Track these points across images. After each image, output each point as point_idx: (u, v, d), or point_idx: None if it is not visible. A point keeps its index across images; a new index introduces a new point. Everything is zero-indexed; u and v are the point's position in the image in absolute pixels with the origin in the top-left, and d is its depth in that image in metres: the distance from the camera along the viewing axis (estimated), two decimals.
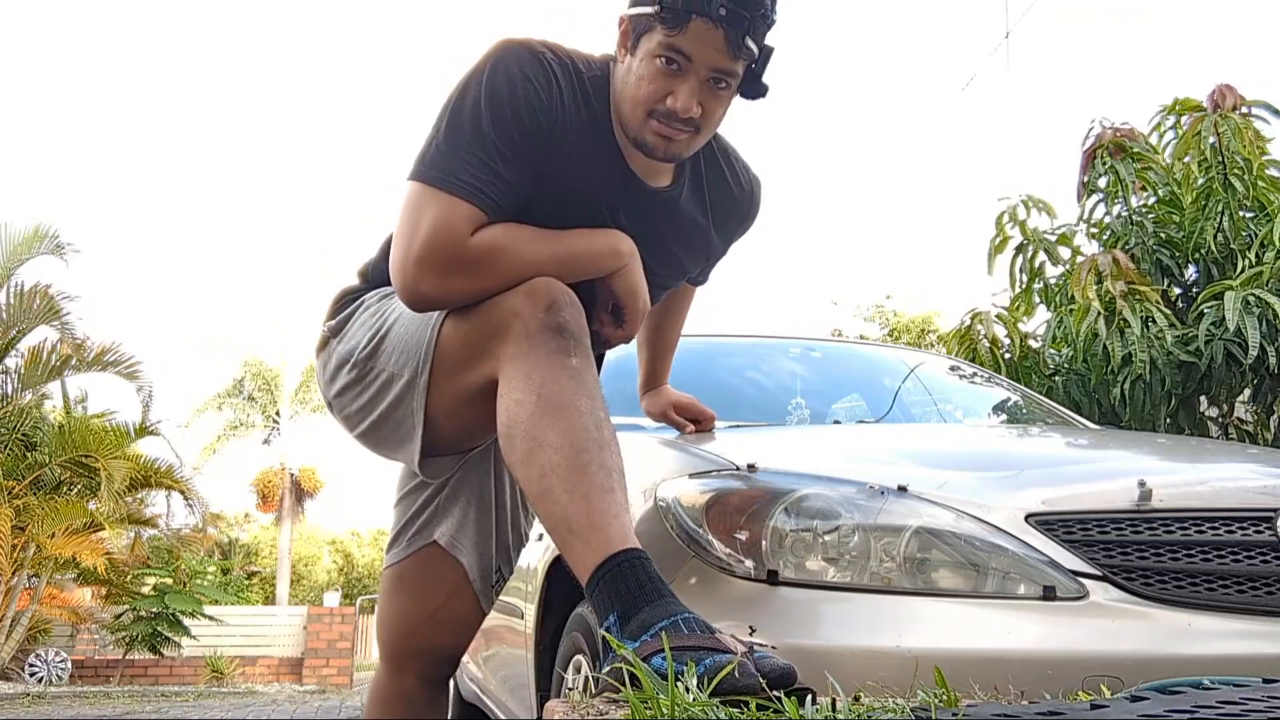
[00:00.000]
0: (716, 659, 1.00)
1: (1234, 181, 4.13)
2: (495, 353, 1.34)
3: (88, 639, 13.41)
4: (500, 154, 1.36)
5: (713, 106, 1.40)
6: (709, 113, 1.40)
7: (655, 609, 1.11)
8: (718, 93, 1.39)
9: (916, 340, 12.20)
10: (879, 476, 1.58)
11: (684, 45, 1.34)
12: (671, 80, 1.37)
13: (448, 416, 1.46)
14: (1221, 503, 1.59)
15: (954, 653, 1.37)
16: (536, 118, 1.38)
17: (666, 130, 1.40)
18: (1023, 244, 4.77)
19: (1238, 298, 3.77)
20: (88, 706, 7.58)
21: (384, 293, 1.57)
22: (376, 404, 1.52)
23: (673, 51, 1.34)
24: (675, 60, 1.35)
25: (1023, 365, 4.57)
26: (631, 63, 1.40)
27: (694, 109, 1.37)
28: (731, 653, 1.02)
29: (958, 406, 3.03)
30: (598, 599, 1.15)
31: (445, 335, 1.41)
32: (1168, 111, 4.70)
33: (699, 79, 1.37)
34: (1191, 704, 0.93)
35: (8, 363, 10.38)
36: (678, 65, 1.36)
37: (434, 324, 1.43)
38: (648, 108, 1.39)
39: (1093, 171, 4.65)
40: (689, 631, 1.07)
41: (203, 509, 12.11)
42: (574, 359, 1.29)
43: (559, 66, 1.42)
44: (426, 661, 1.78)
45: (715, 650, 1.02)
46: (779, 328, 3.26)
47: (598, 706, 1.05)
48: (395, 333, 1.49)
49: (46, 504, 9.98)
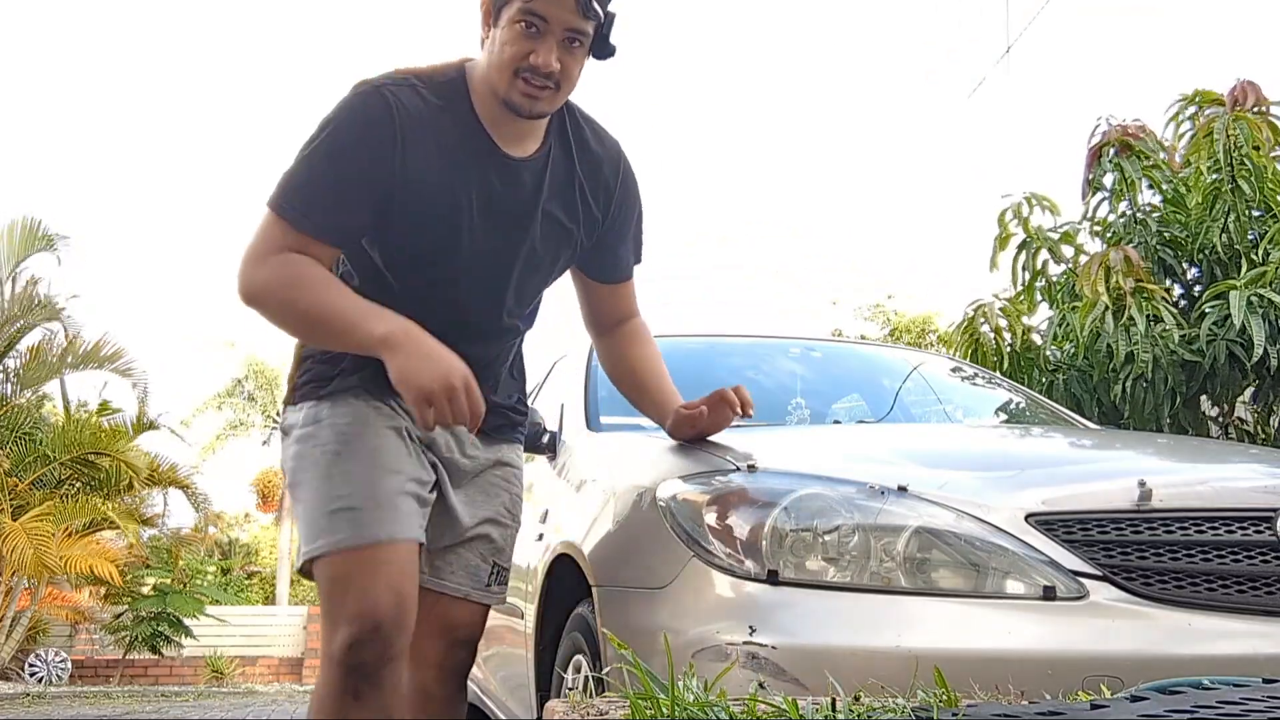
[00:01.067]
0: None
1: (1242, 184, 4.13)
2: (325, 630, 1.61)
3: (87, 639, 13.41)
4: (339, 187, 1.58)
5: (569, 64, 1.59)
6: (567, 69, 1.59)
7: None
8: (573, 50, 1.59)
9: (916, 340, 12.20)
10: (879, 476, 1.58)
11: (539, 8, 1.54)
12: (531, 41, 1.56)
13: None
14: (1221, 503, 1.58)
15: (954, 653, 1.37)
16: (376, 155, 1.58)
17: (530, 89, 1.58)
18: (1025, 241, 4.76)
19: (1242, 297, 3.77)
20: (88, 706, 7.58)
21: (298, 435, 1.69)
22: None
23: (531, 15, 1.54)
24: (534, 23, 1.55)
25: (1025, 357, 4.56)
26: (495, 33, 1.59)
27: (554, 64, 1.56)
28: None
29: (958, 406, 3.03)
30: None
31: (316, 570, 1.61)
32: (1187, 102, 4.66)
33: (556, 38, 1.56)
34: (1191, 704, 0.93)
35: (7, 362, 10.38)
36: (536, 28, 1.55)
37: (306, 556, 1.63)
38: (513, 67, 1.57)
39: (1098, 169, 4.65)
40: None
41: (204, 508, 12.10)
42: (358, 699, 1.56)
43: (407, 92, 1.62)
44: (445, 646, 1.80)
45: None
46: (779, 328, 3.28)
47: (598, 707, 1.05)
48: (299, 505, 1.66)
49: (52, 504, 9.97)
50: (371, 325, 1.52)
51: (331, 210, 1.58)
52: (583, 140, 1.76)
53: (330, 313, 1.55)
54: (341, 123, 1.58)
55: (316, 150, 1.58)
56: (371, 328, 1.52)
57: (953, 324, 5.34)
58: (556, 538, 2.16)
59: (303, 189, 1.57)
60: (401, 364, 1.50)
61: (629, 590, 1.72)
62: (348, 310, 1.55)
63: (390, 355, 1.51)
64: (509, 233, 1.69)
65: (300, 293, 1.56)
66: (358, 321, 1.53)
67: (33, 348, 10.50)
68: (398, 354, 1.50)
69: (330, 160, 1.58)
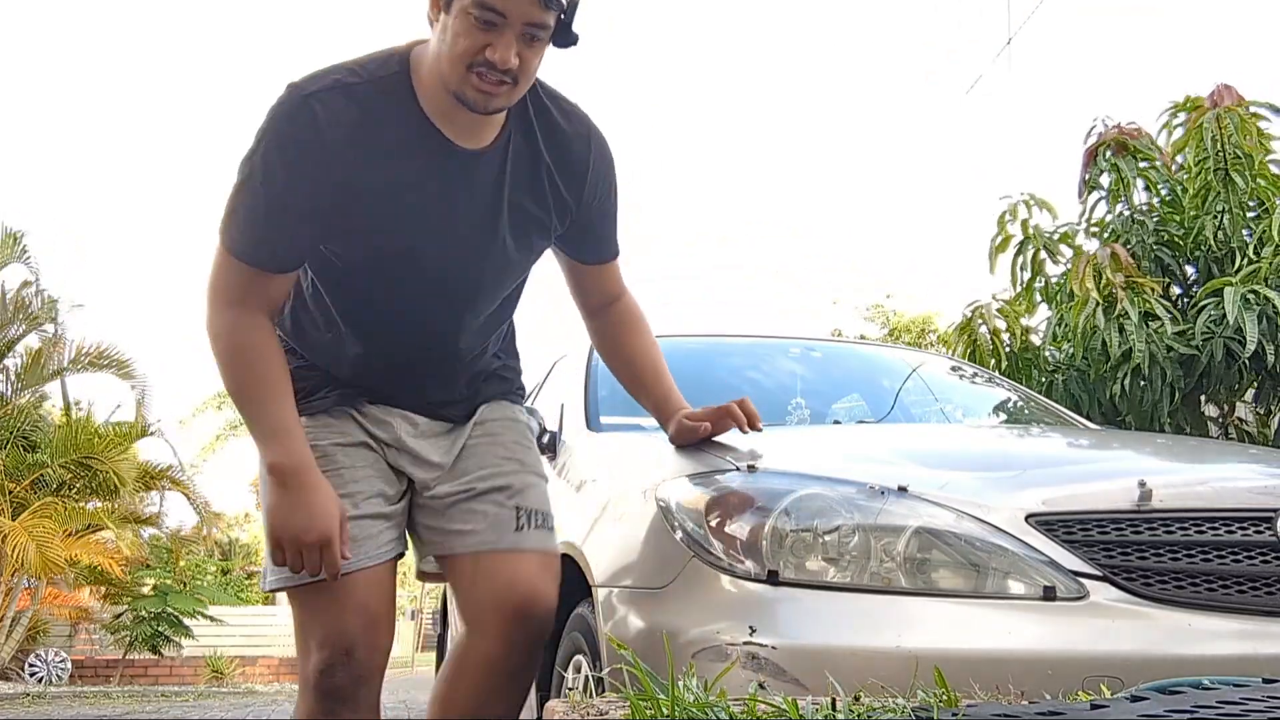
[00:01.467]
0: None
1: (1234, 177, 4.13)
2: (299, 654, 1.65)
3: (87, 639, 13.41)
4: (281, 217, 1.50)
5: (529, 57, 1.44)
6: (525, 63, 1.44)
7: None
8: (533, 44, 1.43)
9: (916, 340, 12.20)
10: (879, 476, 1.58)
11: (497, 2, 1.38)
12: (487, 34, 1.40)
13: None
14: (1221, 503, 1.59)
15: (954, 653, 1.37)
16: (309, 175, 1.48)
17: (485, 85, 1.43)
18: (1024, 242, 4.78)
19: (1237, 293, 3.78)
20: (88, 706, 7.58)
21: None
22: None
23: (486, 10, 1.38)
24: (490, 18, 1.39)
25: (1023, 357, 4.57)
26: (446, 20, 1.43)
27: (512, 60, 1.41)
28: None
29: (958, 406, 3.03)
30: None
31: (287, 595, 1.65)
32: (1177, 109, 4.68)
33: (515, 32, 1.40)
34: (1191, 704, 0.93)
35: (7, 363, 10.38)
36: (493, 21, 1.39)
37: (269, 587, 1.67)
38: (466, 62, 1.42)
39: (1094, 169, 4.66)
40: None
41: (203, 510, 12.10)
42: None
43: (338, 97, 1.48)
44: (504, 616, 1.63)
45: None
46: (779, 328, 3.27)
47: (598, 707, 1.05)
48: (266, 528, 1.61)
49: (49, 505, 9.98)
50: (269, 445, 1.52)
51: (277, 241, 1.52)
52: (548, 121, 1.61)
53: (251, 402, 1.56)
54: (270, 145, 1.48)
55: (251, 178, 1.49)
56: (267, 447, 1.52)
57: (951, 324, 5.35)
58: (556, 538, 2.15)
59: (245, 223, 1.51)
60: (275, 502, 1.51)
61: (629, 590, 1.72)
62: (262, 415, 1.55)
63: (271, 486, 1.52)
64: (476, 231, 1.58)
65: (240, 368, 1.56)
66: (263, 432, 1.54)
67: (31, 350, 10.49)
68: (276, 490, 1.51)
69: (266, 187, 1.49)
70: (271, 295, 1.57)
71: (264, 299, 1.56)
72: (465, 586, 1.67)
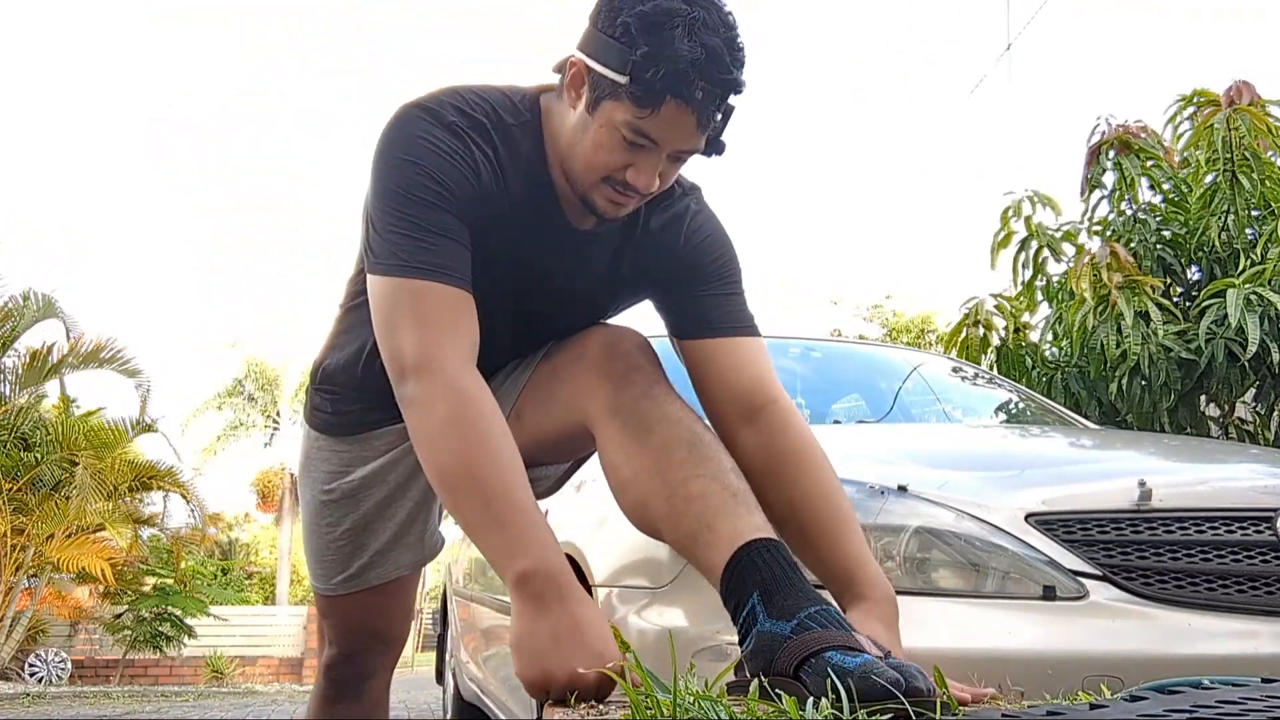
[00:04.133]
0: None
1: (1242, 179, 4.13)
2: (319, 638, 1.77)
3: (87, 639, 13.42)
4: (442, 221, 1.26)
5: (670, 175, 1.31)
6: (664, 181, 1.30)
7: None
8: (676, 163, 1.30)
9: (915, 340, 12.20)
10: (879, 476, 1.58)
11: (652, 129, 1.22)
12: (633, 154, 1.25)
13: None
14: (1221, 503, 1.59)
15: (954, 653, 1.37)
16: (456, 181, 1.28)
17: (619, 198, 1.29)
18: (1026, 239, 4.78)
19: (1239, 295, 3.77)
20: (88, 706, 7.57)
21: (300, 461, 1.67)
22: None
23: (639, 134, 1.22)
24: (641, 142, 1.24)
25: (1017, 353, 4.57)
26: (588, 122, 1.26)
27: (654, 185, 1.28)
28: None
29: (957, 406, 3.03)
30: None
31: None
32: (1186, 103, 4.66)
33: (664, 153, 1.26)
34: (1191, 704, 0.93)
35: (6, 361, 10.38)
36: (643, 146, 1.24)
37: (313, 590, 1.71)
38: (603, 175, 1.27)
39: (1097, 167, 4.66)
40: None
41: (201, 511, 12.09)
42: (340, 704, 1.77)
43: (472, 128, 1.30)
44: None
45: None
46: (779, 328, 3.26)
47: (598, 707, 1.05)
48: (304, 541, 1.68)
49: (45, 505, 9.98)
50: (515, 552, 1.15)
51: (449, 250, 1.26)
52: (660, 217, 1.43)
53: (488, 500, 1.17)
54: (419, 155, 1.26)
55: (400, 196, 1.25)
56: (513, 557, 1.15)
57: (950, 324, 5.35)
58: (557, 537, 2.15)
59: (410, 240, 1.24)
60: (529, 627, 1.12)
61: (629, 590, 1.72)
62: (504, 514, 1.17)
63: (521, 604, 1.14)
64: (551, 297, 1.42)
65: (471, 446, 1.18)
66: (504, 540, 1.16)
67: (31, 348, 10.49)
68: (529, 608, 1.13)
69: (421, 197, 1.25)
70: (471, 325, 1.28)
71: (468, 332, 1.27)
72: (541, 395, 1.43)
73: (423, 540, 1.67)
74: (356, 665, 1.75)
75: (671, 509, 1.19)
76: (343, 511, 1.60)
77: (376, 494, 1.59)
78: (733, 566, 1.12)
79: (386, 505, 1.60)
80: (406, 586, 1.72)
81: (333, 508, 1.60)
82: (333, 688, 1.77)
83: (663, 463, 1.22)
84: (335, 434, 1.59)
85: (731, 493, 1.18)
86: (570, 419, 1.37)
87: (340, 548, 1.62)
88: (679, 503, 1.19)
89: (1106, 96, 39.55)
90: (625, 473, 1.26)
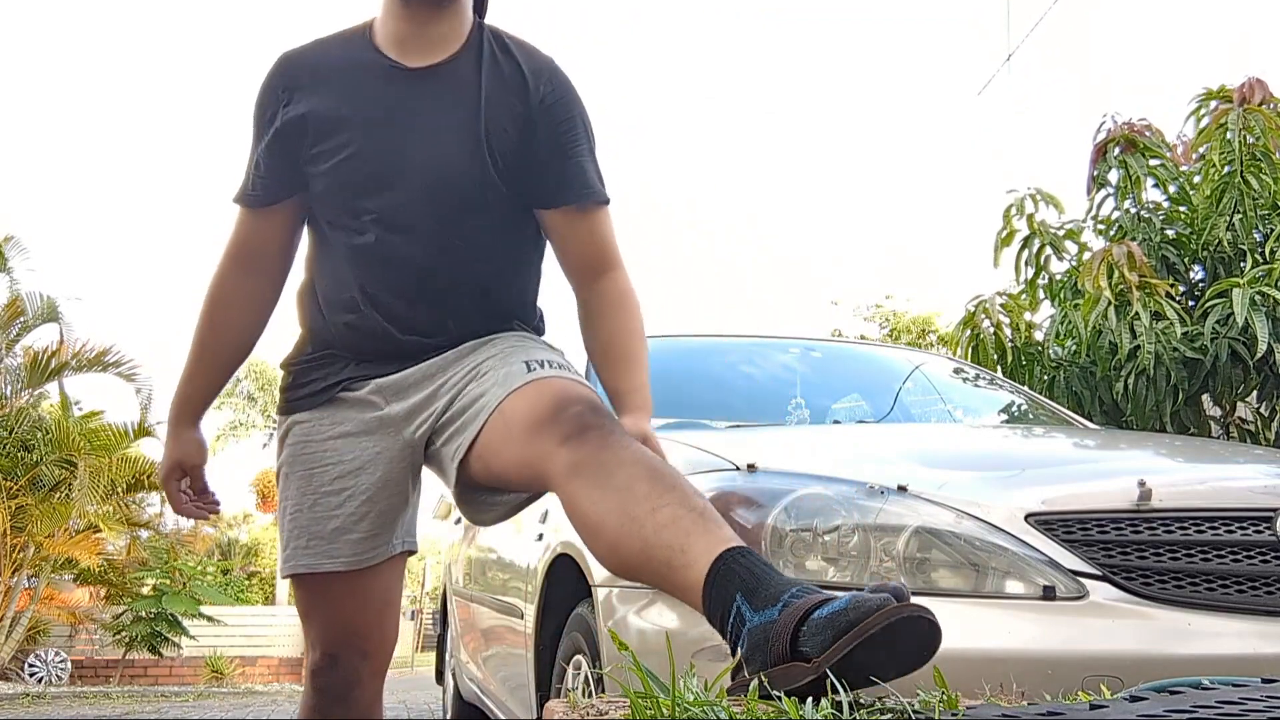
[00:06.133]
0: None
1: (1250, 179, 4.12)
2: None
3: (86, 639, 13.41)
4: (259, 156, 1.65)
5: None
6: None
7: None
8: None
9: (916, 340, 12.20)
10: (879, 476, 1.58)
11: None
12: None
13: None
14: (1221, 502, 1.59)
15: (954, 652, 1.37)
16: (270, 110, 1.63)
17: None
18: (1029, 237, 4.77)
19: (1245, 295, 3.77)
20: (88, 706, 7.57)
21: (284, 473, 1.73)
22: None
23: None
24: None
25: (1026, 352, 4.56)
26: None
27: None
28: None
29: (958, 406, 3.03)
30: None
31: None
32: (1209, 97, 4.64)
33: None
34: (1191, 704, 0.93)
35: (7, 363, 10.38)
36: None
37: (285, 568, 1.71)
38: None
39: (1102, 165, 4.65)
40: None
41: None
42: (327, 714, 1.72)
43: (309, 47, 1.67)
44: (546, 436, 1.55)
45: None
46: (779, 328, 3.27)
47: (598, 707, 1.05)
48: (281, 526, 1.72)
49: (44, 505, 9.99)
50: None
51: (256, 177, 1.65)
52: (500, 50, 1.62)
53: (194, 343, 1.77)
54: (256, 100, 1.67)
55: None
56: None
57: (952, 324, 5.34)
58: (556, 538, 2.15)
59: (243, 174, 1.69)
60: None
61: (629, 590, 1.72)
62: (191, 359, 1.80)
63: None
64: (416, 147, 1.57)
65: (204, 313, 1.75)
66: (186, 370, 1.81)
67: (29, 350, 10.49)
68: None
69: (253, 135, 1.67)
70: (259, 243, 1.70)
71: (252, 247, 1.70)
72: (498, 447, 1.49)
73: (367, 542, 1.64)
74: (340, 671, 1.71)
75: (644, 544, 1.24)
76: (304, 469, 1.67)
77: (334, 468, 1.65)
78: (712, 577, 1.16)
79: (343, 481, 1.64)
80: (375, 582, 1.67)
81: (296, 470, 1.69)
82: (318, 696, 1.73)
83: (627, 500, 1.27)
84: (308, 407, 1.68)
85: (699, 513, 1.23)
86: (529, 474, 1.45)
87: (296, 517, 1.66)
88: (650, 534, 1.24)
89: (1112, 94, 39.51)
90: (593, 518, 1.32)
